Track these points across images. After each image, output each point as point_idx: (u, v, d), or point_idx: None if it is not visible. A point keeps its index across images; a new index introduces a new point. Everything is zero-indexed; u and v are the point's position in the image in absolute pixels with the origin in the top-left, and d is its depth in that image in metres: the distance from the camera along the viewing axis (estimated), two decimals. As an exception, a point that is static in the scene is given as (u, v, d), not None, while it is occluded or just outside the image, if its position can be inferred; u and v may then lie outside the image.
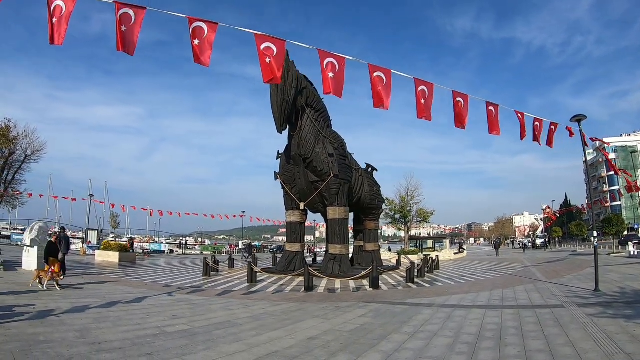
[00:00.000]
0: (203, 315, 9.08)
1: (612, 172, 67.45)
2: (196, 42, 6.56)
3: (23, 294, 10.48)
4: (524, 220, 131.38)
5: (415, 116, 8.42)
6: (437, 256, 23.39)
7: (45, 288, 11.20)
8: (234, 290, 13.47)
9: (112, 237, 40.65)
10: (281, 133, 17.79)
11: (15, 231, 33.89)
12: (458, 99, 8.35)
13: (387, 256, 32.26)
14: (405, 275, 16.32)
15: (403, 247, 35.00)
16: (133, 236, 48.55)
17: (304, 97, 18.19)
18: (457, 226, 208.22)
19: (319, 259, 27.87)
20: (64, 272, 14.65)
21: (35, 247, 15.13)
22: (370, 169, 23.94)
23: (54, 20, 6.67)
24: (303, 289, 13.53)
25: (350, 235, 23.51)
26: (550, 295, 11.15)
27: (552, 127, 12.12)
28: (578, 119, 12.81)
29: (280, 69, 6.84)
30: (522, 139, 10.29)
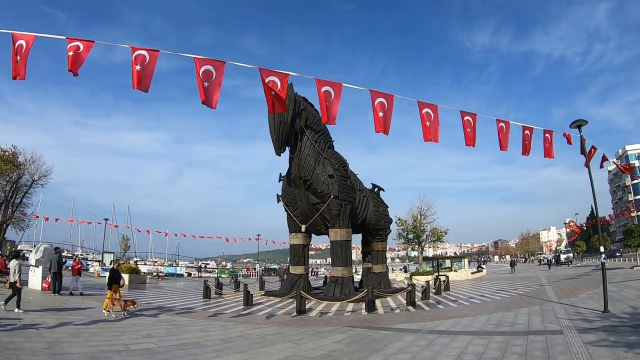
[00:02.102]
0: (176, 335, 8.85)
1: (636, 181, 63.10)
2: (137, 67, 6.48)
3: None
4: (550, 235, 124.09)
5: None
6: (447, 277, 21.90)
7: (128, 314, 10.91)
8: (224, 313, 12.96)
9: (135, 261, 41.16)
10: (279, 156, 17.45)
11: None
12: (425, 110, 7.69)
13: (402, 277, 30.78)
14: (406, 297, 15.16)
15: (417, 267, 33.33)
16: (153, 259, 48.98)
17: (302, 119, 17.84)
18: (484, 244, 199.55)
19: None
20: (58, 291, 14.63)
21: (40, 267, 15.59)
22: (376, 189, 23.09)
23: (18, 57, 6.79)
24: (295, 313, 12.76)
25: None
26: (553, 319, 9.84)
27: (547, 135, 11.09)
28: (578, 124, 11.64)
29: (218, 93, 6.58)
30: (501, 150, 9.35)
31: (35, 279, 15.77)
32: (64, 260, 17.03)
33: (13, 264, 10.58)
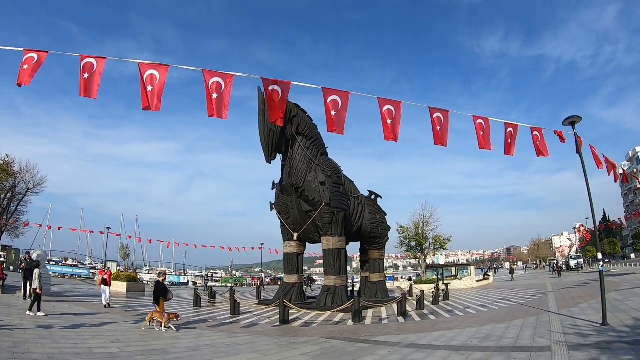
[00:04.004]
0: (146, 342, 8.52)
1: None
2: (85, 75, 6.35)
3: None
4: (562, 241, 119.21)
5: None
6: (446, 285, 20.74)
7: (164, 330, 9.75)
8: (207, 321, 12.51)
9: (146, 270, 41.20)
10: (270, 163, 16.87)
11: (48, 263, 34.13)
12: (387, 107, 6.94)
13: (405, 286, 29.54)
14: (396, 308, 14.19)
15: (420, 276, 31.99)
16: (161, 268, 48.74)
17: (294, 126, 17.22)
18: (497, 250, 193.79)
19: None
20: (29, 296, 13.99)
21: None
22: (373, 196, 22.19)
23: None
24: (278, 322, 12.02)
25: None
26: (545, 332, 8.81)
27: (537, 133, 10.18)
28: (571, 121, 10.62)
29: (160, 96, 6.21)
30: (480, 148, 8.49)
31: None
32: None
33: (36, 272, 11.14)
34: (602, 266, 10.06)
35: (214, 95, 6.25)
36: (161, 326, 9.83)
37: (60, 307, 13.71)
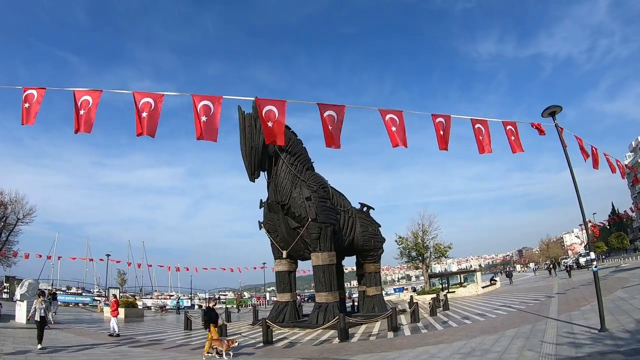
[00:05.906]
0: None
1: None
2: (26, 105, 6.31)
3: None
4: (572, 238, 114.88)
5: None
6: (445, 295, 19.50)
7: (225, 358, 9.19)
8: (188, 345, 11.90)
9: (149, 296, 40.49)
10: (254, 182, 16.24)
11: (57, 292, 33.49)
12: (328, 112, 6.28)
13: (406, 297, 28.20)
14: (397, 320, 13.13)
15: (423, 286, 30.50)
16: (169, 293, 47.78)
17: None
18: (508, 253, 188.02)
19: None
20: None
21: (25, 302, 14.86)
22: (365, 208, 21.27)
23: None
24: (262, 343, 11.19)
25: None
26: (536, 344, 7.76)
27: (511, 128, 9.34)
28: (551, 111, 9.77)
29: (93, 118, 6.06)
30: (440, 149, 7.67)
31: (21, 312, 15.19)
32: None
33: (35, 302, 10.63)
34: (595, 267, 9.00)
35: (144, 114, 5.86)
36: (222, 355, 9.25)
37: (47, 334, 13.10)
